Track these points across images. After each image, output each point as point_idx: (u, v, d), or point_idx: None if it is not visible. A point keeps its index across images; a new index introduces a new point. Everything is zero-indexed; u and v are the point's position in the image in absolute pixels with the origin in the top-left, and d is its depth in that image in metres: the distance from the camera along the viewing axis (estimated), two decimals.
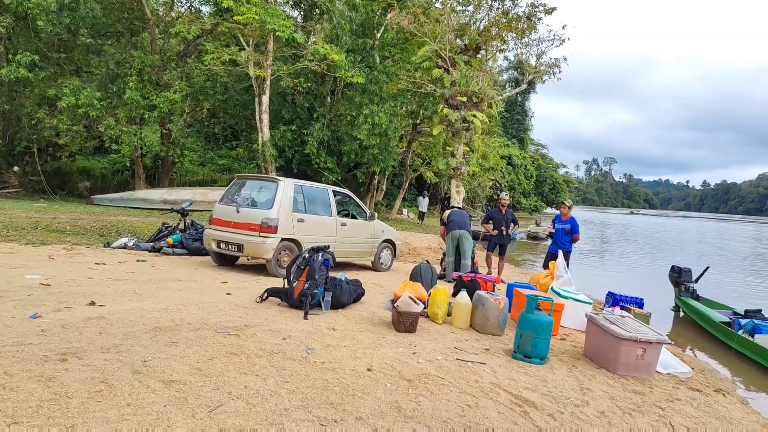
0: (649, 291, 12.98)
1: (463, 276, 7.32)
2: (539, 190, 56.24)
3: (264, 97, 19.27)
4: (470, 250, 8.87)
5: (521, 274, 12.39)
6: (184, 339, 4.16)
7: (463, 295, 5.68)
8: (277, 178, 7.60)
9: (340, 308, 5.78)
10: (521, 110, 64.67)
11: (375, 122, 18.85)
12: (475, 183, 33.84)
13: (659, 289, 13.49)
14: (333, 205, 8.22)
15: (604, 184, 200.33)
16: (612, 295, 7.05)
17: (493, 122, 23.13)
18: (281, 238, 7.34)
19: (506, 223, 9.79)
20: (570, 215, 9.40)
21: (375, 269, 9.28)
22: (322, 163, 20.07)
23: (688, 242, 37.57)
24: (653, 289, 13.50)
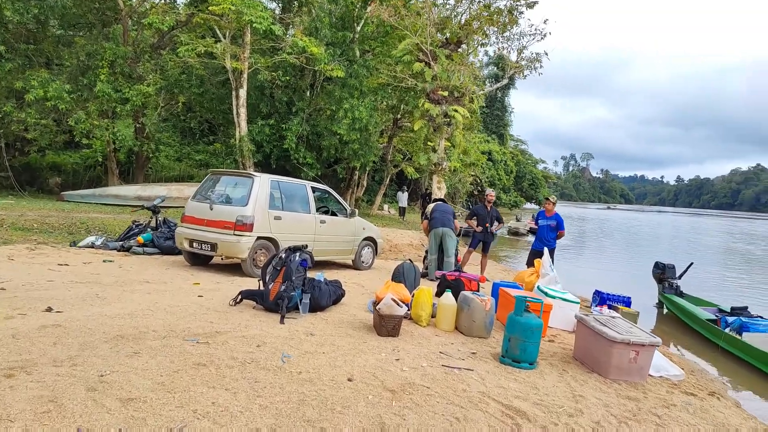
0: (631, 287, 12.93)
1: (447, 275, 7.08)
2: (519, 185, 56.51)
3: (241, 91, 18.82)
4: (453, 248, 8.64)
5: (504, 271, 12.23)
6: (148, 349, 3.82)
7: (447, 296, 5.43)
8: (253, 174, 7.26)
9: (318, 311, 5.48)
10: (501, 106, 64.83)
11: (355, 117, 18.52)
12: (455, 179, 33.73)
13: (641, 285, 13.47)
14: (312, 202, 7.91)
15: (582, 179, 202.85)
16: (599, 293, 6.88)
17: (474, 117, 22.97)
18: (257, 236, 7.01)
19: (491, 220, 9.58)
20: (555, 211, 9.24)
21: (356, 268, 8.99)
22: (301, 158, 19.69)
23: (665, 237, 38.08)
24: (634, 285, 13.47)
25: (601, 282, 13.23)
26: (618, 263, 19.29)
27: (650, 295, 11.52)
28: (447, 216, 8.82)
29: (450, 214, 8.89)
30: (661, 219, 77.35)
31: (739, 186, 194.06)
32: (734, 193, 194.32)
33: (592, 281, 13.03)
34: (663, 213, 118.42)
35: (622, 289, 12.49)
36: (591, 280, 13.42)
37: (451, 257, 8.52)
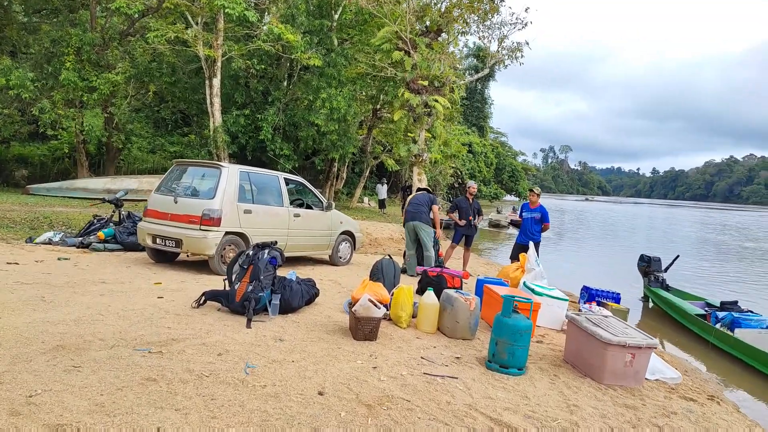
0: (613, 280, 12.76)
1: (429, 271, 6.70)
2: (499, 177, 56.54)
3: (215, 80, 18.17)
4: (431, 240, 8.25)
5: (486, 265, 11.92)
6: (91, 361, 3.37)
7: (429, 294, 5.05)
8: (221, 164, 6.77)
9: (290, 313, 5.06)
10: (481, 98, 64.79)
11: (333, 107, 18.01)
12: (436, 171, 33.40)
13: (622, 278, 13.32)
14: (285, 195, 7.45)
15: (561, 171, 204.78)
16: (587, 289, 6.58)
17: (454, 108, 22.61)
18: (225, 231, 6.53)
19: (473, 213, 9.22)
20: (539, 203, 8.92)
21: (333, 263, 8.57)
22: (277, 149, 19.11)
23: (643, 228, 38.40)
24: (617, 277, 13.31)
25: (583, 275, 13.05)
26: (598, 255, 19.21)
27: (633, 287, 11.36)
28: (420, 208, 8.40)
29: (424, 205, 8.43)
30: (638, 210, 78.37)
31: (713, 178, 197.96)
32: (708, 184, 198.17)
33: (573, 274, 12.83)
34: (639, 205, 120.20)
35: (605, 282, 12.32)
36: (572, 273, 13.23)
37: (430, 251, 8.15)
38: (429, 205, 8.53)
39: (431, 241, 8.27)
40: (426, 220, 8.28)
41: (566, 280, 11.15)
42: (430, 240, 8.23)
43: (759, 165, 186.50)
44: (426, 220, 8.28)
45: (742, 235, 35.31)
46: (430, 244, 8.21)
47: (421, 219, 8.28)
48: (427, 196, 8.67)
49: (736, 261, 19.83)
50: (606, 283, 12.11)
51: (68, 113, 18.31)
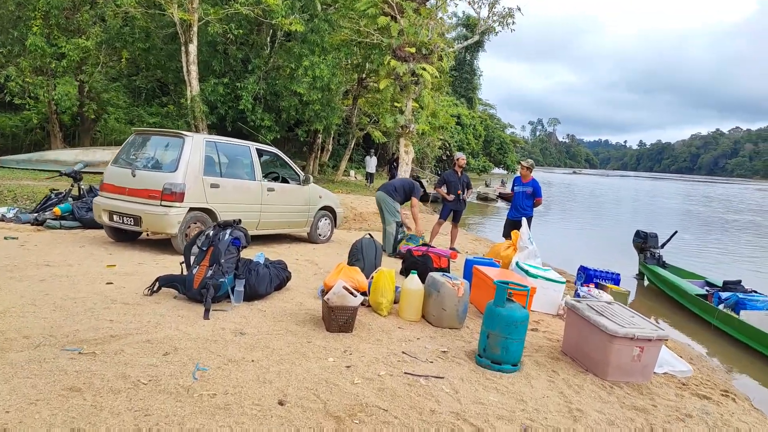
0: (604, 255, 12.39)
1: (414, 250, 6.17)
2: (487, 150, 55.92)
3: (191, 46, 17.20)
4: (392, 214, 7.72)
5: (475, 241, 11.43)
6: (6, 366, 2.81)
7: (413, 279, 4.52)
8: (184, 133, 6.11)
9: (256, 300, 4.50)
10: (470, 69, 63.71)
11: (316, 75, 17.20)
12: (424, 143, 32.69)
13: (613, 252, 12.95)
14: (257, 167, 6.82)
15: (549, 144, 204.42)
16: (585, 270, 6.09)
17: (443, 78, 21.82)
18: (189, 207, 5.92)
19: (462, 187, 8.67)
20: (531, 177, 8.40)
21: (312, 241, 8.00)
22: (258, 120, 18.31)
23: (631, 201, 38.24)
24: (608, 252, 12.93)
25: (572, 250, 12.65)
26: (587, 229, 18.84)
27: (624, 262, 11.00)
28: (390, 188, 7.93)
29: (400, 189, 7.87)
30: (624, 183, 78.52)
31: (699, 150, 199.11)
32: (693, 157, 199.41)
33: (563, 250, 12.41)
34: (625, 177, 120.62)
35: (595, 257, 11.96)
36: (562, 248, 12.81)
37: (391, 225, 7.66)
38: (406, 192, 7.94)
39: (392, 215, 7.73)
40: (393, 196, 7.78)
41: (555, 255, 10.73)
42: (391, 214, 7.71)
43: (744, 138, 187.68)
44: (393, 196, 7.78)
45: (726, 207, 35.30)
46: (390, 218, 7.70)
47: (386, 191, 7.82)
48: (409, 183, 8.11)
49: (720, 233, 19.60)
50: (596, 258, 11.76)
51: (36, 81, 17.36)
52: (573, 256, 11.72)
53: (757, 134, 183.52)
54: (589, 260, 11.36)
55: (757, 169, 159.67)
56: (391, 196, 7.73)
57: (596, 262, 11.21)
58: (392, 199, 7.72)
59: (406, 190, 7.92)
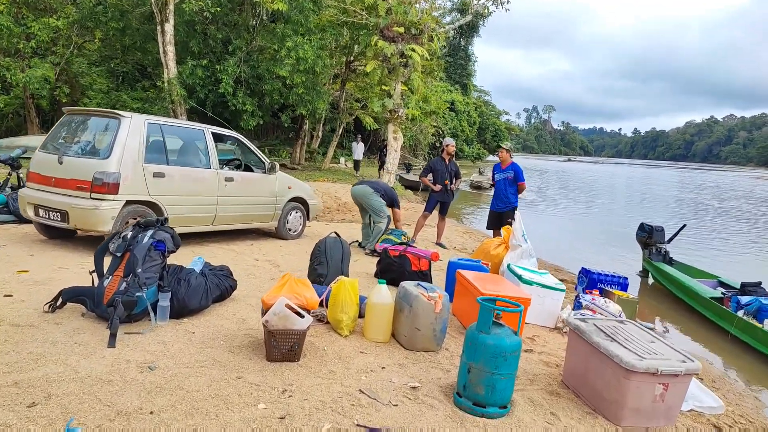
0: (602, 248, 11.62)
1: (390, 250, 5.33)
2: (481, 137, 55.06)
3: (167, 25, 16.22)
4: (380, 209, 6.80)
5: (465, 234, 10.61)
6: None
7: (380, 290, 3.68)
8: (120, 114, 5.21)
9: (187, 316, 3.66)
10: (464, 55, 62.75)
11: (299, 57, 16.20)
12: (416, 129, 31.72)
13: (610, 244, 12.18)
14: (213, 153, 5.94)
15: (544, 131, 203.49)
16: (587, 273, 5.26)
17: (434, 61, 20.85)
18: (126, 200, 5.06)
19: (450, 176, 7.82)
20: (511, 161, 7.60)
21: (281, 237, 7.14)
22: (240, 105, 17.33)
23: (628, 190, 37.53)
24: (605, 244, 12.17)
25: (567, 243, 11.85)
26: (582, 219, 18.04)
27: (621, 256, 10.29)
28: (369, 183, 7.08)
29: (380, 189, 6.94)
30: (619, 170, 77.97)
31: (693, 138, 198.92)
32: (688, 144, 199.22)
33: (557, 242, 11.63)
34: (620, 165, 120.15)
35: (593, 250, 11.19)
36: (556, 240, 12.02)
37: (382, 221, 6.76)
38: (389, 198, 6.99)
39: (380, 210, 6.79)
40: (374, 189, 6.85)
41: (549, 248, 9.95)
42: (378, 210, 6.78)
43: (738, 125, 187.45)
44: (374, 189, 6.85)
45: (719, 194, 34.63)
46: (381, 213, 6.78)
47: (369, 185, 6.95)
48: (392, 190, 7.13)
49: (714, 222, 18.87)
50: (594, 251, 11.00)
51: (4, 63, 16.38)
52: (568, 250, 10.96)
53: (751, 121, 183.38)
54: (586, 253, 10.65)
55: (751, 156, 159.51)
56: (374, 191, 6.82)
57: (593, 255, 10.49)
58: (375, 193, 6.81)
59: (389, 195, 6.97)
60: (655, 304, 7.32)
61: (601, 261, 9.95)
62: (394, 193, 7.00)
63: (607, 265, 9.50)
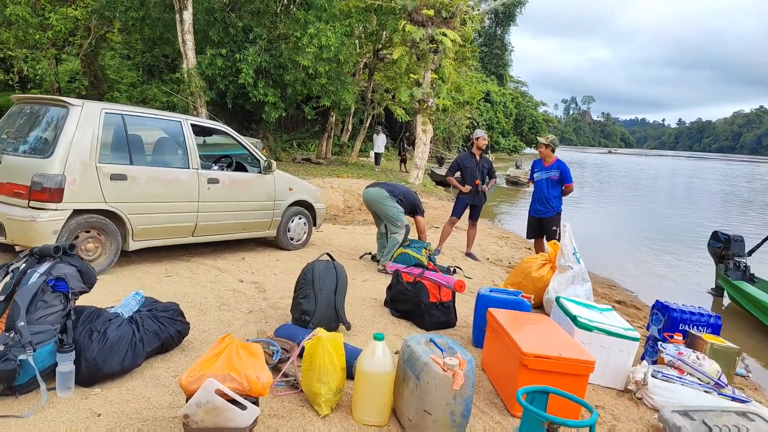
0: (654, 252, 10.14)
1: (403, 273, 4.18)
2: (518, 129, 53.11)
3: (186, 13, 15.44)
4: (396, 217, 5.53)
5: (501, 239, 9.34)
6: None
7: (375, 351, 2.53)
8: (69, 102, 4.21)
9: (100, 383, 2.61)
10: (501, 44, 61.03)
11: (322, 44, 15.12)
12: (449, 120, 30.31)
13: (663, 247, 10.70)
14: (192, 149, 4.90)
15: (582, 123, 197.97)
16: (664, 308, 3.90)
17: (468, 47, 19.48)
18: (74, 209, 4.07)
19: (481, 175, 6.60)
20: (555, 158, 6.29)
21: (281, 247, 6.07)
22: (261, 96, 16.38)
23: (674, 184, 35.21)
24: (657, 247, 10.68)
25: (611, 248, 10.41)
26: (628, 220, 16.34)
27: (681, 267, 8.88)
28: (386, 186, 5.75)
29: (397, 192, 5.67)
30: (663, 163, 74.44)
31: (741, 129, 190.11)
32: (736, 136, 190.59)
33: (603, 247, 10.22)
34: (663, 157, 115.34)
35: (643, 257, 9.70)
36: (602, 244, 10.61)
37: (399, 230, 5.51)
38: (409, 203, 5.73)
39: (397, 218, 5.53)
40: (390, 192, 5.58)
41: (591, 252, 8.60)
42: (395, 214, 5.52)
43: None
44: (390, 192, 5.58)
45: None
46: (396, 221, 5.52)
47: (384, 187, 5.66)
48: (413, 194, 5.85)
49: None
50: (644, 258, 9.55)
51: (21, 54, 15.96)
52: (615, 256, 9.57)
53: None
54: (636, 261, 9.25)
55: None
56: (389, 195, 5.58)
57: (647, 263, 9.09)
58: (391, 197, 5.58)
59: (409, 200, 5.72)
60: (734, 331, 5.96)
61: (655, 271, 8.59)
62: (414, 198, 5.79)
63: (664, 278, 8.18)
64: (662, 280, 8.09)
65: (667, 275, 8.38)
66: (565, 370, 2.62)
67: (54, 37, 15.88)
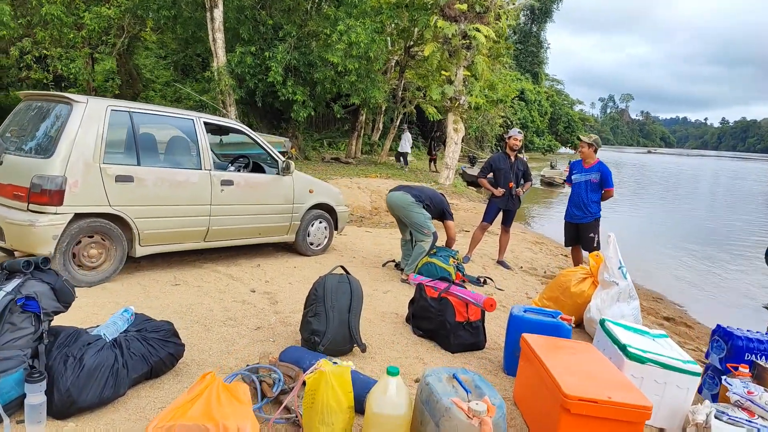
0: (705, 265, 9.43)
1: (426, 286, 3.79)
2: (553, 128, 51.84)
3: (216, 11, 15.43)
4: (423, 224, 5.07)
5: (535, 244, 8.83)
6: None
7: (388, 388, 2.15)
8: (73, 98, 3.97)
9: (75, 416, 2.31)
10: (536, 41, 59.85)
11: (352, 41, 14.80)
12: (482, 119, 29.62)
13: (713, 257, 9.98)
14: (205, 150, 4.61)
15: (620, 122, 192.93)
16: (728, 336, 3.32)
17: (503, 43, 18.86)
18: (74, 213, 3.82)
19: (515, 177, 6.14)
20: (597, 159, 5.77)
21: (300, 252, 5.75)
22: (289, 94, 16.17)
23: (721, 185, 33.64)
24: (705, 257, 9.97)
25: (657, 254, 9.76)
26: (671, 225, 15.50)
27: (725, 277, 8.23)
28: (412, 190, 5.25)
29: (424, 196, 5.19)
30: (708, 164, 71.64)
31: None
32: None
33: (644, 253, 9.58)
34: (706, 157, 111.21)
35: (690, 268, 9.01)
36: (643, 250, 9.96)
37: (426, 238, 5.05)
38: (436, 208, 5.26)
39: (424, 225, 5.07)
40: (416, 197, 5.10)
41: (632, 259, 8.03)
42: (421, 224, 5.06)
43: None
44: (416, 197, 5.10)
45: None
46: (422, 229, 5.06)
47: (409, 192, 5.18)
48: (440, 198, 5.36)
49: None
50: (691, 268, 8.87)
51: (54, 53, 16.21)
52: (653, 264, 8.94)
53: None
54: (682, 270, 8.61)
55: None
56: (416, 200, 5.11)
57: (694, 274, 8.45)
58: (418, 203, 5.12)
59: (436, 204, 5.24)
60: None
61: (702, 281, 7.95)
62: (442, 202, 5.35)
63: (711, 289, 7.53)
64: (710, 291, 7.48)
65: (716, 286, 7.76)
66: (615, 416, 2.19)
67: (88, 36, 16.02)
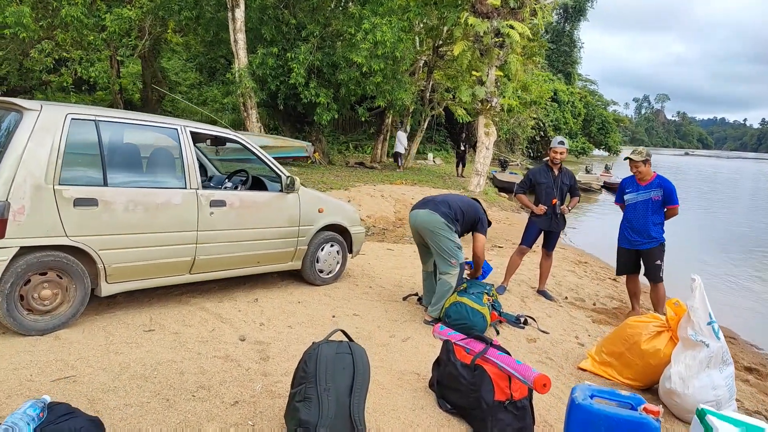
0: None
1: (456, 345, 2.94)
2: (587, 130, 50.10)
3: (238, 11, 14.90)
4: (451, 252, 4.12)
5: (578, 264, 7.84)
6: None
7: None
8: (23, 105, 3.26)
9: None
10: (569, 41, 58.35)
11: (377, 40, 14.00)
12: (513, 122, 28.48)
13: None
14: (190, 165, 3.86)
15: (655, 123, 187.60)
16: None
17: (537, 42, 17.82)
18: (20, 246, 3.10)
19: (560, 193, 5.24)
20: (655, 174, 4.81)
21: (309, 282, 4.96)
22: (312, 96, 15.47)
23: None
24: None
25: (712, 281, 8.58)
26: (724, 237, 14.19)
27: None
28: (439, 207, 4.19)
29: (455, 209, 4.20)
30: (748, 167, 68.55)
31: None
32: None
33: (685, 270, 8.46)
34: (745, 159, 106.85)
35: (751, 290, 7.93)
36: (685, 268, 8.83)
37: (452, 270, 4.11)
38: (468, 220, 4.28)
39: (451, 255, 4.11)
40: (449, 221, 4.12)
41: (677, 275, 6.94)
42: (449, 252, 4.11)
43: None
44: (449, 221, 4.12)
45: None
46: (448, 260, 4.11)
47: (437, 210, 4.15)
48: (474, 207, 4.36)
49: None
50: (753, 293, 7.77)
51: (75, 55, 15.96)
52: (710, 288, 7.87)
53: None
54: (739, 290, 7.52)
55: None
56: (447, 221, 4.13)
57: (752, 297, 7.38)
58: (449, 225, 4.13)
59: (469, 216, 4.28)
60: None
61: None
62: (475, 211, 4.31)
63: None
64: None
65: None
66: None
67: (108, 38, 15.67)
